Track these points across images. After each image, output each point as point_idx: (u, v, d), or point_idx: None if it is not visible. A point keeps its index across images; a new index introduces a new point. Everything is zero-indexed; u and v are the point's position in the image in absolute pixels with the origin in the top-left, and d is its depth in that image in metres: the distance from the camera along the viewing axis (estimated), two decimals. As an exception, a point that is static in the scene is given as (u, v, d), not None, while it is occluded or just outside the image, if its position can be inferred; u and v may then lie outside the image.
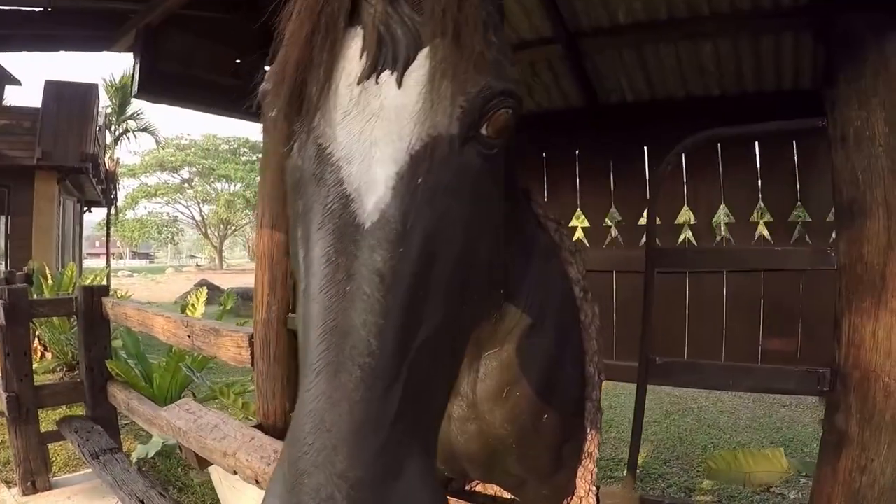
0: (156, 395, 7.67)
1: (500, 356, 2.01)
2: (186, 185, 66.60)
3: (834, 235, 4.78)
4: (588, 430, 2.46)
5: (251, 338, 4.57)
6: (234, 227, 73.54)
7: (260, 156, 64.73)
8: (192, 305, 9.23)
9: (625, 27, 4.87)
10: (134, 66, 4.09)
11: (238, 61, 4.53)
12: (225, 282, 32.55)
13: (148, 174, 64.21)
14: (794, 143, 5.10)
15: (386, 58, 1.19)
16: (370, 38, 1.19)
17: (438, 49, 1.16)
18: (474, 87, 1.19)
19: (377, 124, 1.16)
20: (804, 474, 4.37)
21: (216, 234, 72.43)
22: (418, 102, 1.15)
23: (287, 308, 4.56)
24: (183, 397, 8.42)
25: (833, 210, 4.87)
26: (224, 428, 4.03)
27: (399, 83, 1.17)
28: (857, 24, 2.90)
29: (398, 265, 1.08)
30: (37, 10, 4.14)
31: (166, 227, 75.21)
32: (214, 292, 22.02)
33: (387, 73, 1.18)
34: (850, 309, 2.86)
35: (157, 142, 52.17)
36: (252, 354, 4.56)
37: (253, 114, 4.23)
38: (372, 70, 1.18)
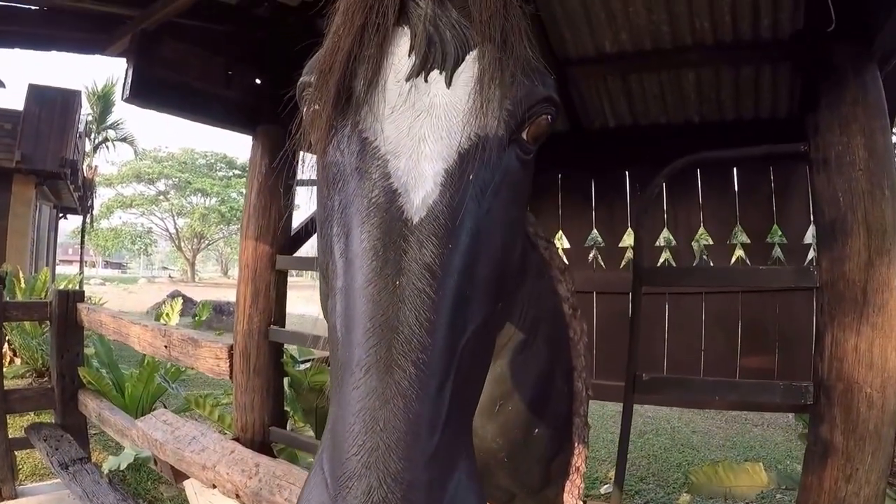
0: (127, 405, 7.55)
1: (493, 371, 1.94)
2: (162, 197, 66.03)
3: (810, 256, 4.95)
4: (576, 444, 2.47)
5: (230, 349, 4.53)
6: (207, 241, 72.98)
7: (236, 172, 64.76)
8: (167, 315, 9.11)
9: (611, 56, 4.95)
10: (126, 70, 4.06)
11: (230, 72, 4.55)
12: (197, 294, 32.20)
13: (124, 184, 63.64)
14: (771, 168, 5.25)
15: (435, 57, 1.20)
16: (420, 37, 1.20)
17: (486, 52, 1.19)
18: (520, 91, 1.23)
19: (426, 121, 1.16)
20: (784, 487, 4.44)
21: (189, 247, 71.82)
22: (467, 102, 1.17)
23: (269, 320, 4.55)
24: (155, 408, 8.34)
25: (808, 231, 5.04)
26: (203, 440, 3.99)
27: (448, 82, 1.19)
28: (839, 55, 3.03)
29: (448, 261, 1.07)
30: (32, 7, 4.11)
31: (140, 237, 74.40)
32: (187, 304, 21.77)
33: (436, 72, 1.19)
34: (832, 324, 2.95)
35: (136, 152, 51.78)
36: (231, 366, 4.52)
37: (240, 125, 4.22)
38: (422, 68, 1.19)
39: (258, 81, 4.76)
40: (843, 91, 2.96)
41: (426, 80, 1.19)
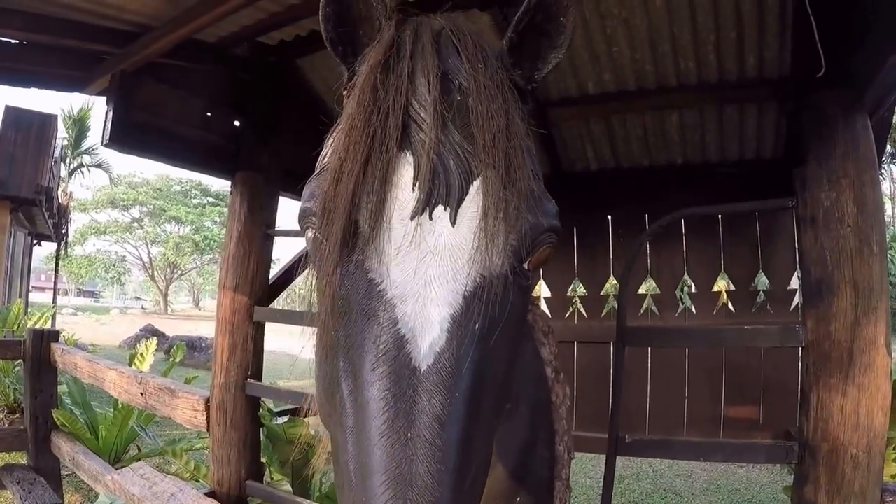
0: (101, 448, 7.39)
1: None
2: (136, 224, 64.90)
3: (795, 303, 4.93)
4: (557, 507, 2.43)
5: (207, 402, 4.45)
6: (180, 272, 71.98)
7: (210, 199, 64.17)
8: (141, 355, 8.90)
9: (594, 97, 4.95)
10: (106, 114, 4.03)
11: (209, 114, 4.51)
12: (170, 328, 31.78)
13: (99, 210, 62.62)
14: (756, 214, 5.22)
15: (439, 191, 1.18)
16: (424, 169, 1.18)
17: (490, 183, 1.18)
18: (525, 225, 1.22)
19: (431, 263, 1.16)
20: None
21: (163, 277, 70.73)
22: (472, 242, 1.17)
23: (246, 373, 4.50)
24: (128, 452, 8.17)
25: (793, 277, 5.03)
26: (181, 497, 3.89)
27: (453, 221, 1.18)
28: (829, 104, 2.98)
29: (455, 409, 1.09)
30: (12, 41, 4.06)
31: (114, 266, 73.33)
32: (160, 339, 21.45)
33: (440, 207, 1.18)
34: (817, 385, 2.91)
35: (111, 178, 51.32)
36: (208, 419, 4.44)
37: (220, 170, 4.16)
38: (426, 204, 1.18)
39: (237, 124, 4.71)
40: (832, 143, 2.93)
41: (431, 218, 1.18)
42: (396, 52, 1.27)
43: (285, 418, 4.75)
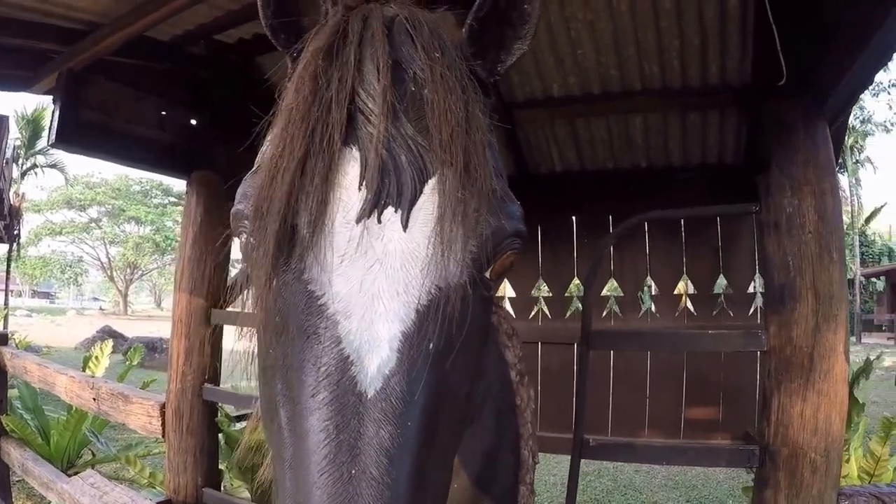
0: (53, 454, 7.23)
1: None
2: (94, 224, 63.94)
3: (754, 307, 4.97)
4: (521, 512, 2.39)
5: (163, 407, 4.36)
6: (141, 272, 71.14)
7: (172, 199, 63.46)
8: (96, 358, 8.69)
9: (558, 100, 4.95)
10: (53, 113, 3.88)
11: (164, 113, 4.39)
12: (130, 329, 31.40)
13: (54, 211, 61.46)
14: (718, 218, 5.26)
15: (389, 191, 1.06)
16: (371, 166, 1.06)
17: (447, 182, 1.06)
18: (486, 229, 1.10)
19: (380, 273, 1.03)
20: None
21: (122, 277, 69.71)
22: (426, 248, 1.05)
23: (202, 377, 4.40)
24: (82, 457, 8.01)
25: (753, 281, 5.07)
26: (132, 508, 3.80)
27: (405, 224, 1.06)
28: (790, 112, 3.00)
29: (406, 441, 0.96)
30: (-48, 41, 3.90)
31: (70, 267, 72.23)
32: (118, 340, 21.13)
33: (390, 209, 1.06)
34: (779, 390, 2.92)
35: (66, 179, 50.53)
36: (163, 424, 4.34)
37: (175, 169, 4.05)
38: (374, 206, 1.05)
39: (193, 123, 4.59)
40: (793, 151, 2.94)
41: (380, 221, 1.06)
42: (342, 37, 1.15)
43: (244, 423, 4.65)
